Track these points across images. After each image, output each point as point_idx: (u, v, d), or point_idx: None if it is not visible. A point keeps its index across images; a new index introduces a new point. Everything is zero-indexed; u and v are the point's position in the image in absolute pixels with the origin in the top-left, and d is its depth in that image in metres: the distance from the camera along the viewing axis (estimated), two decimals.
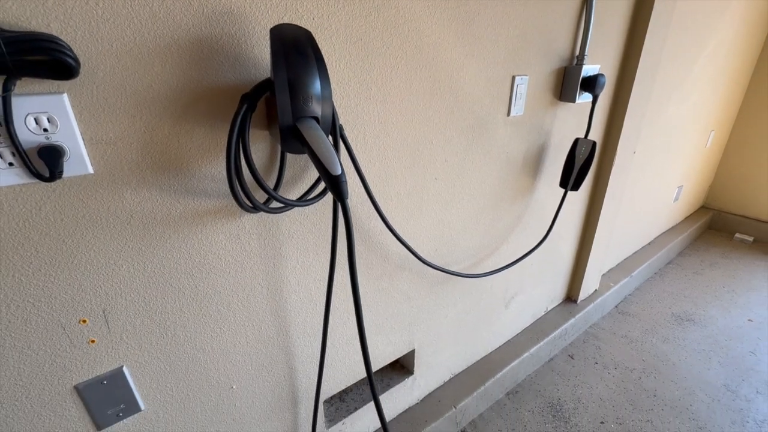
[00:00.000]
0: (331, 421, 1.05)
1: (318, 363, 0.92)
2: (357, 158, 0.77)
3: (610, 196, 1.58)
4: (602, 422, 1.37)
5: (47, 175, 0.49)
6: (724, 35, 1.93)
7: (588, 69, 1.14)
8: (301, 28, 0.56)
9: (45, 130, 0.48)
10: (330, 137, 0.63)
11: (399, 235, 0.88)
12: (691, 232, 2.64)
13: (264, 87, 0.58)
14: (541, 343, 1.56)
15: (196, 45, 0.55)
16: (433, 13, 0.78)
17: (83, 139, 0.51)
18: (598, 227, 1.62)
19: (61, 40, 0.45)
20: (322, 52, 0.66)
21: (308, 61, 0.55)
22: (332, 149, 0.54)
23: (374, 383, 0.73)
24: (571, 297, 1.80)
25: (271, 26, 0.57)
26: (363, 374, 1.06)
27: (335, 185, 0.53)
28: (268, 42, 0.61)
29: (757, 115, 2.56)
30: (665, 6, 1.30)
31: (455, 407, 1.28)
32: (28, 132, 0.47)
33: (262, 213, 0.70)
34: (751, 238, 2.70)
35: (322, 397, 0.99)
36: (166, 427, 0.74)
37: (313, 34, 0.62)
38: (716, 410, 1.42)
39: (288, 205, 0.66)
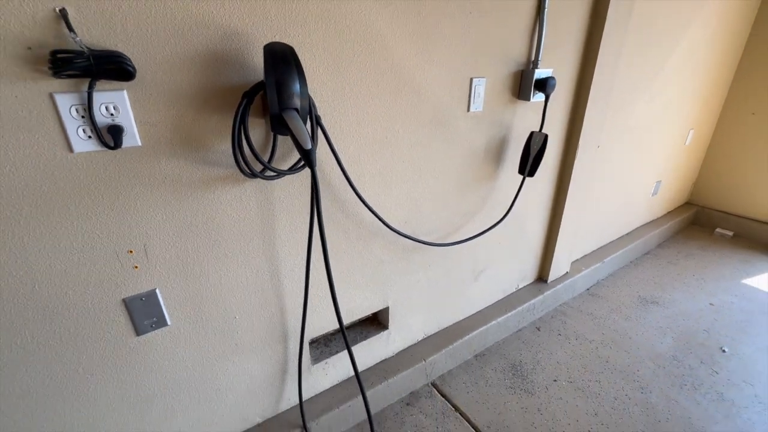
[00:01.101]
0: (316, 360, 1.29)
1: (302, 307, 1.15)
2: (332, 141, 1.00)
3: (575, 186, 1.77)
4: (555, 380, 1.57)
5: (112, 145, 0.73)
6: (696, 39, 2.09)
7: (541, 72, 1.34)
8: (286, 44, 0.79)
9: (111, 114, 0.72)
10: (308, 124, 0.86)
11: (369, 204, 1.11)
12: (672, 226, 2.79)
13: (259, 86, 0.81)
14: (509, 314, 1.77)
15: (212, 56, 0.78)
16: (397, 29, 1.00)
17: (135, 121, 0.75)
18: (564, 214, 1.81)
19: (125, 55, 0.68)
20: (304, 61, 0.88)
21: (290, 69, 0.77)
22: (305, 131, 0.76)
23: (342, 321, 0.96)
24: (542, 277, 2.00)
25: (265, 43, 0.80)
26: (348, 318, 1.29)
27: (306, 156, 0.75)
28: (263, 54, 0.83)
29: (738, 115, 2.69)
30: (619, 18, 1.49)
31: (425, 360, 1.50)
32: (100, 115, 0.71)
33: (258, 180, 0.93)
34: (730, 233, 2.84)
35: (307, 337, 1.22)
36: (185, 342, 0.98)
37: (296, 49, 0.85)
38: (659, 375, 1.61)
39: (278, 173, 0.90)
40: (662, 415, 1.42)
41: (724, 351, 1.75)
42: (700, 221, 3.04)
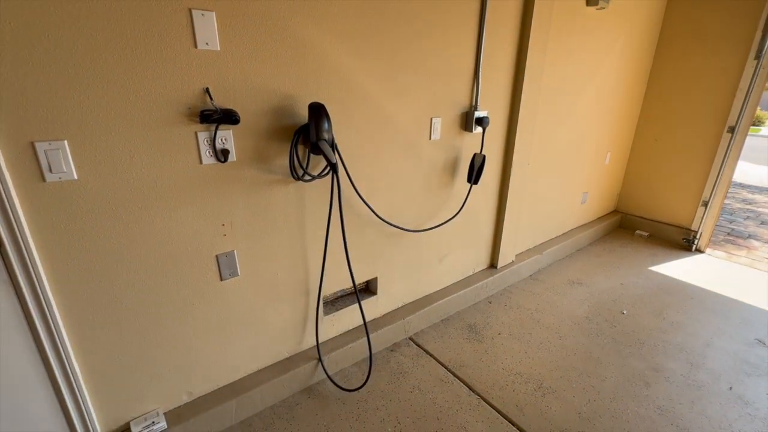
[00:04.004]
0: (327, 313, 1.81)
1: (320, 271, 1.68)
2: (344, 159, 1.57)
3: (512, 193, 2.40)
4: (499, 333, 2.14)
5: (223, 160, 1.28)
6: (600, 86, 2.81)
7: (479, 113, 1.97)
8: (320, 103, 1.37)
9: (223, 143, 1.27)
10: (331, 148, 1.43)
11: (366, 200, 1.68)
12: (600, 228, 3.47)
13: (305, 126, 1.38)
14: (467, 289, 2.34)
15: (277, 109, 1.35)
16: (384, 90, 1.60)
17: (235, 147, 1.30)
18: (506, 215, 2.43)
19: (236, 111, 1.24)
20: (329, 111, 1.47)
21: (322, 117, 1.35)
22: (332, 151, 1.34)
23: (354, 278, 1.50)
24: (493, 264, 2.59)
25: (307, 102, 1.38)
26: (348, 284, 1.83)
27: (332, 166, 1.33)
28: (307, 108, 1.41)
29: (646, 141, 3.45)
30: (533, 78, 2.15)
31: (404, 320, 2.05)
32: (218, 143, 1.26)
33: (299, 182, 1.49)
34: (647, 234, 3.55)
35: (322, 294, 1.75)
36: (247, 288, 1.49)
37: (325, 105, 1.43)
38: (574, 329, 2.20)
39: (312, 177, 1.46)
40: (570, 351, 2.01)
41: (623, 313, 2.37)
42: (624, 225, 3.75)
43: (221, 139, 1.27)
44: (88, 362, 1.23)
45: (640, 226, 3.64)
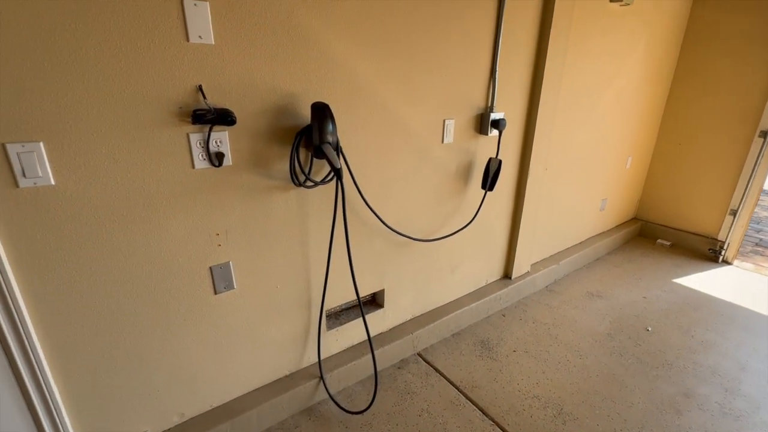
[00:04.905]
0: (330, 327, 1.70)
1: (323, 283, 1.57)
2: (349, 162, 1.45)
3: (529, 200, 2.26)
4: (514, 350, 2.00)
5: (217, 164, 1.17)
6: (621, 87, 2.66)
7: (495, 115, 1.84)
8: (324, 103, 1.26)
9: (218, 145, 1.17)
10: (336, 152, 1.32)
11: (373, 208, 1.56)
12: (620, 237, 3.30)
13: (307, 128, 1.27)
14: (480, 302, 2.21)
15: (277, 109, 1.24)
16: (392, 90, 1.48)
17: (230, 149, 1.19)
18: (521, 223, 2.29)
19: (231, 111, 1.14)
20: (334, 112, 1.35)
21: (326, 117, 1.24)
22: (336, 156, 1.22)
23: (358, 290, 1.38)
24: (507, 275, 2.45)
25: (310, 102, 1.27)
26: (353, 296, 1.71)
27: (336, 172, 1.21)
28: (310, 108, 1.30)
29: (668, 145, 3.28)
30: (553, 77, 2.02)
31: (412, 334, 1.92)
32: (212, 145, 1.16)
33: (300, 188, 1.37)
34: (669, 243, 3.37)
35: (325, 307, 1.63)
36: (244, 302, 1.38)
37: (330, 105, 1.32)
38: (595, 346, 2.05)
39: (315, 183, 1.35)
40: (593, 372, 1.86)
41: (648, 330, 2.21)
42: (645, 233, 3.57)
43: (215, 142, 1.16)
44: (68, 382, 1.13)
45: (661, 234, 3.46)
